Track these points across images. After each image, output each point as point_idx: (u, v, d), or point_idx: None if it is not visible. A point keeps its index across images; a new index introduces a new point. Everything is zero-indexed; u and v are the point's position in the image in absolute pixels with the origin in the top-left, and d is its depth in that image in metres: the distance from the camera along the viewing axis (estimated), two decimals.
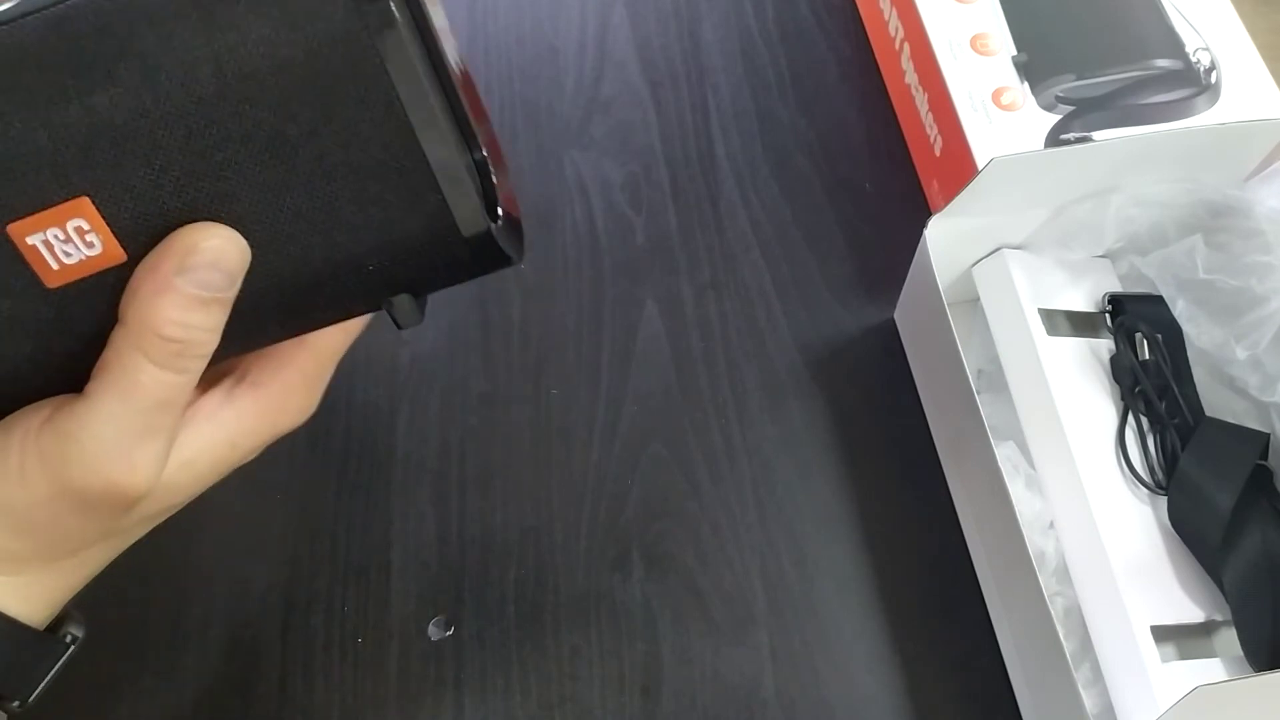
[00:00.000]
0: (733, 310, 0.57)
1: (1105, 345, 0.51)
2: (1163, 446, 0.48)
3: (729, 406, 0.54)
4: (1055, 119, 0.55)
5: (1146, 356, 0.50)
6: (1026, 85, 0.56)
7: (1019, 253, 0.52)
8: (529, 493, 0.51)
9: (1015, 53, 0.57)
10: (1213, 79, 0.56)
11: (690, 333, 0.56)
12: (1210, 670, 0.44)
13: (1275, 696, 0.38)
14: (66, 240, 0.26)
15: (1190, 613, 0.45)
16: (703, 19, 0.67)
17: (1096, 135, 0.55)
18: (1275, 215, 0.48)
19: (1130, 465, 0.48)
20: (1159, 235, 0.51)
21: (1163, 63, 0.57)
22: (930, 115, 0.59)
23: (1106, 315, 0.52)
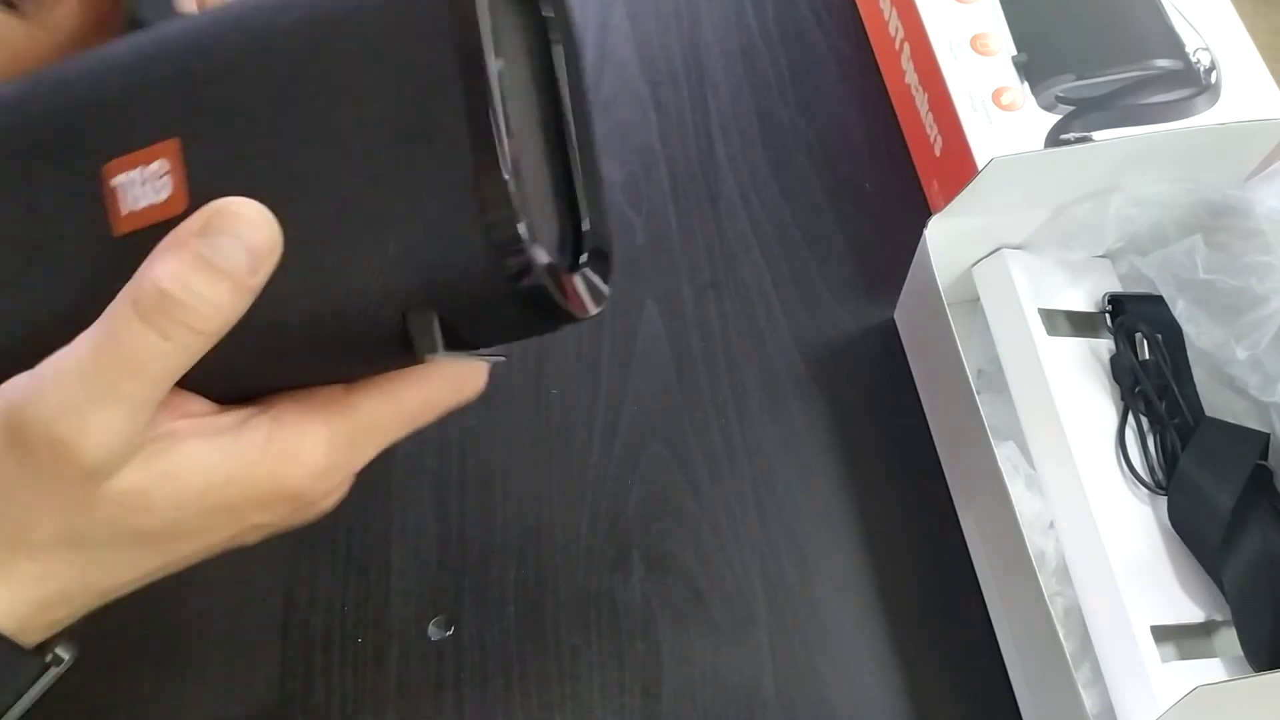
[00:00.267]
0: (733, 310, 0.57)
1: (1105, 345, 0.51)
2: (1163, 446, 0.48)
3: (729, 406, 0.54)
4: (1055, 119, 0.55)
5: (1146, 356, 0.50)
6: (1026, 85, 0.56)
7: (1019, 253, 0.52)
8: (529, 493, 0.51)
9: (1015, 53, 0.58)
10: (1213, 79, 0.56)
11: (690, 333, 0.56)
12: (1210, 670, 0.44)
13: (1275, 696, 0.38)
14: (144, 183, 0.26)
15: (1190, 613, 0.45)
16: (703, 19, 0.67)
17: (1096, 135, 0.55)
18: (1275, 215, 0.48)
19: (1130, 465, 0.48)
20: (1159, 235, 0.51)
21: (1163, 63, 0.57)
22: (930, 115, 0.59)
23: (1106, 315, 0.52)
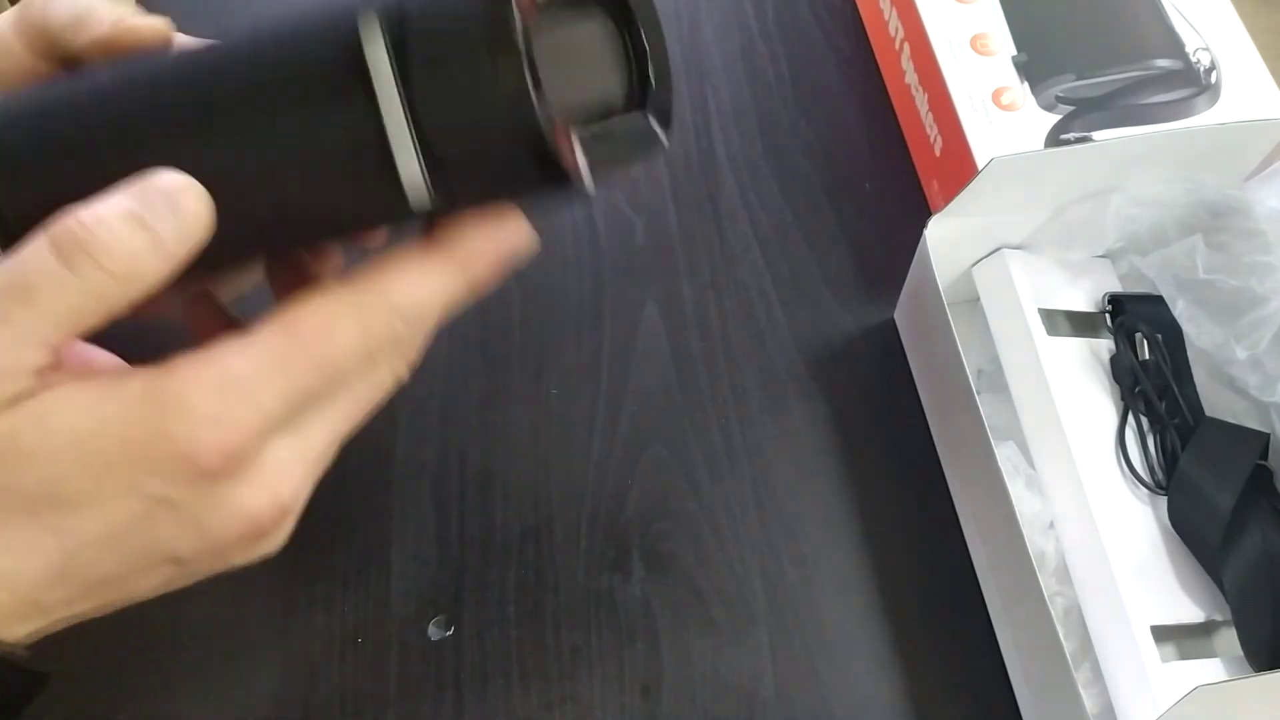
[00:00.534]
0: (733, 310, 0.57)
1: (1105, 345, 0.51)
2: (1163, 446, 0.48)
3: (729, 406, 0.54)
4: (1055, 119, 0.55)
5: (1146, 356, 0.50)
6: (1026, 85, 0.56)
7: (1019, 253, 0.52)
8: (529, 493, 0.51)
9: (1015, 53, 0.58)
10: (1213, 79, 0.56)
11: (690, 333, 0.56)
12: (1210, 670, 0.44)
13: (1275, 696, 0.38)
14: None
15: (1190, 613, 0.45)
16: (703, 19, 0.67)
17: (1096, 135, 0.55)
18: (1275, 215, 0.48)
19: (1130, 465, 0.48)
20: (1159, 235, 0.51)
21: (1163, 63, 0.57)
22: (930, 115, 0.59)
23: (1106, 315, 0.52)
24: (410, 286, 0.27)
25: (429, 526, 0.50)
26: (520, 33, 0.24)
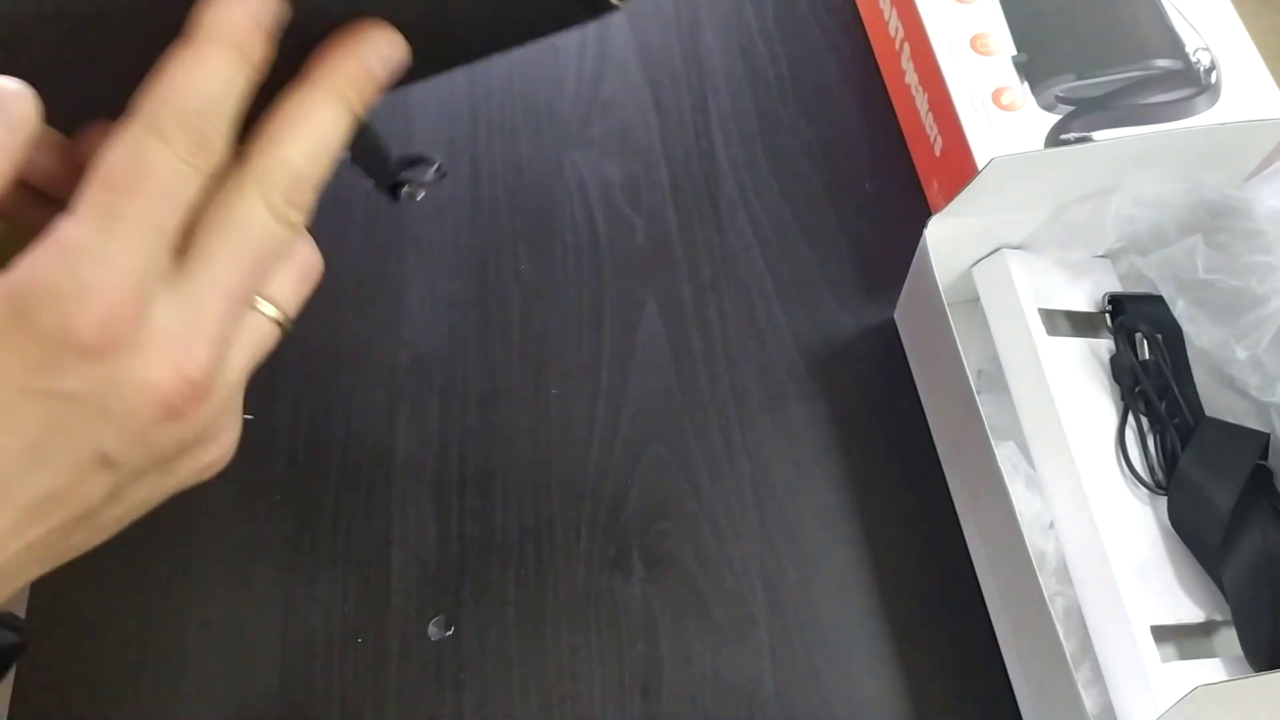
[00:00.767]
0: (733, 310, 0.57)
1: (1105, 345, 0.51)
2: (1163, 446, 0.48)
3: (729, 406, 0.54)
4: (1055, 119, 0.55)
5: (1146, 356, 0.50)
6: (1026, 85, 0.56)
7: (1019, 253, 0.52)
8: (529, 493, 0.51)
9: (1015, 53, 0.58)
10: (1213, 79, 0.56)
11: (690, 333, 0.56)
12: (1210, 670, 0.44)
13: (1275, 696, 0.38)
14: None
15: (1190, 613, 0.45)
16: (703, 19, 0.67)
17: (1096, 135, 0.55)
18: (1275, 215, 0.48)
19: (1130, 465, 0.48)
20: (1159, 235, 0.51)
21: (1163, 63, 0.57)
22: (930, 115, 0.59)
23: (1106, 315, 0.52)
24: (184, 78, 0.25)
25: (429, 526, 0.50)
26: None
